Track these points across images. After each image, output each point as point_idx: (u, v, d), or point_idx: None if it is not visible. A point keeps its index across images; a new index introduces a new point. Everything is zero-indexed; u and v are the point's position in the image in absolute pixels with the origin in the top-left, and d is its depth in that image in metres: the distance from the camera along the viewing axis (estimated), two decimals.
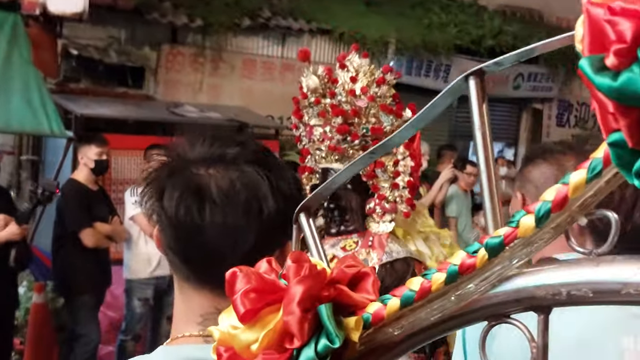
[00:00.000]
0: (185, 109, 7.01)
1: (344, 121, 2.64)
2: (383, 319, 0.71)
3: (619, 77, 0.43)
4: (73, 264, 5.08)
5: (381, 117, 2.67)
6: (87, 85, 6.93)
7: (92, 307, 5.21)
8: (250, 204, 1.06)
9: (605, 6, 0.44)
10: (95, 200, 5.20)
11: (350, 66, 2.72)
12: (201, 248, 1.07)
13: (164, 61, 7.27)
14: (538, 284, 0.60)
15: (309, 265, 0.74)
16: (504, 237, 0.61)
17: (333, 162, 2.71)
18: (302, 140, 2.85)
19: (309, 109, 2.74)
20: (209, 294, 1.10)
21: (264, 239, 1.08)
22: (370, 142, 2.65)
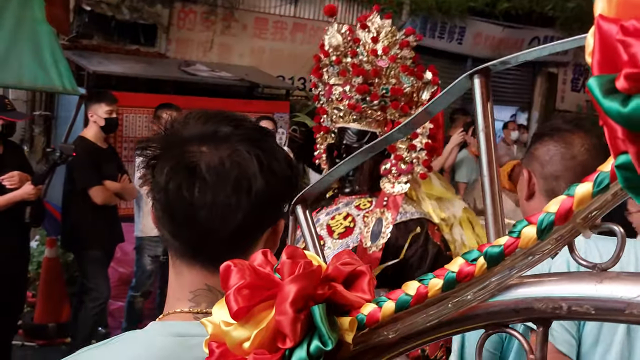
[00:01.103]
0: (197, 67, 6.97)
1: (364, 81, 2.64)
2: (378, 320, 0.69)
3: (629, 103, 0.40)
4: (82, 220, 5.11)
5: (402, 78, 2.66)
6: (100, 41, 6.88)
7: (101, 263, 5.24)
8: (239, 182, 1.06)
9: (619, 24, 0.41)
10: (105, 159, 5.20)
11: (372, 27, 2.71)
12: (191, 224, 1.07)
13: (176, 19, 7.20)
14: (538, 296, 0.58)
15: (304, 262, 0.73)
16: (504, 247, 0.58)
17: (350, 122, 2.71)
18: (320, 99, 2.85)
19: (330, 68, 2.74)
20: (200, 270, 1.11)
21: (253, 217, 1.08)
22: (389, 103, 2.65)
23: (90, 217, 5.08)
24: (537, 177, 1.83)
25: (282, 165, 1.11)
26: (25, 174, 4.56)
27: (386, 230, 2.61)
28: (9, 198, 4.43)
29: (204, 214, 1.06)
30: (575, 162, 1.76)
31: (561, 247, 0.58)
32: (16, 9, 5.76)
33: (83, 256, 5.24)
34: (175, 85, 6.71)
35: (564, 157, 1.78)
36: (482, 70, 0.63)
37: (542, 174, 1.82)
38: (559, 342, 1.63)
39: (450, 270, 0.62)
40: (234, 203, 1.05)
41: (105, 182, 5.09)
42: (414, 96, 2.72)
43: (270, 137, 1.16)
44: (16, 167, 4.56)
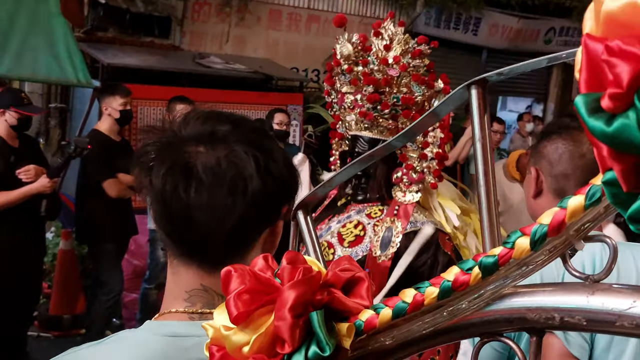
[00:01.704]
0: (211, 60, 6.98)
1: (375, 90, 2.64)
2: (375, 327, 0.70)
3: (613, 122, 0.40)
4: (96, 213, 5.14)
5: (413, 87, 2.66)
6: (114, 34, 6.90)
7: (115, 256, 5.27)
8: (235, 183, 1.05)
9: (604, 43, 0.41)
10: (119, 151, 5.21)
11: (385, 34, 2.71)
12: (188, 225, 1.07)
13: (190, 11, 7.21)
14: (531, 306, 0.59)
15: (304, 268, 0.73)
16: (498, 257, 0.59)
17: (362, 130, 2.71)
18: (333, 106, 2.86)
19: (341, 76, 2.74)
20: (196, 271, 1.11)
21: (250, 218, 1.07)
22: (400, 112, 2.65)
23: (104, 210, 5.11)
24: (546, 175, 1.83)
25: (280, 166, 1.10)
26: (41, 168, 4.59)
27: (396, 239, 2.61)
28: (25, 191, 4.47)
29: (201, 215, 1.05)
30: (585, 160, 1.75)
31: (555, 258, 0.59)
32: (31, 2, 5.79)
33: (97, 249, 5.28)
34: (190, 77, 6.72)
35: (573, 155, 1.77)
36: (479, 81, 0.63)
37: (551, 173, 1.81)
38: (574, 346, 1.63)
39: (445, 279, 0.63)
40: (230, 204, 1.05)
41: (118, 175, 5.11)
42: (426, 105, 2.72)
43: (269, 138, 1.16)
44: (32, 161, 4.59)
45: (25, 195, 4.46)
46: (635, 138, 0.39)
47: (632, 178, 0.42)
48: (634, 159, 0.41)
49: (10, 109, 4.48)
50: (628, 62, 0.39)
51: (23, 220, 4.52)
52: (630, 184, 0.42)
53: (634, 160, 0.41)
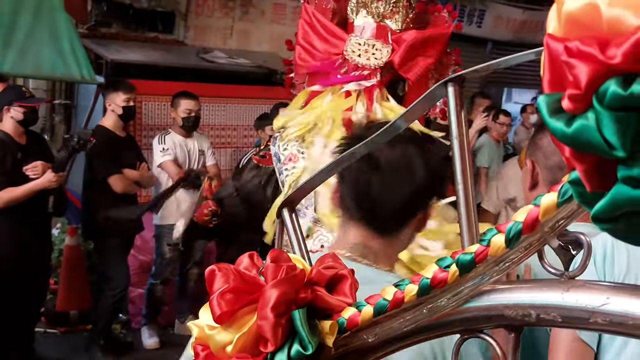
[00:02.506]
0: (215, 54, 6.97)
1: None
2: (358, 324, 0.70)
3: (573, 123, 0.40)
4: (102, 209, 5.16)
5: None
6: (118, 30, 6.91)
7: (121, 252, 5.29)
8: (406, 173, 1.43)
9: (564, 44, 0.41)
10: (123, 147, 5.23)
11: None
12: (369, 198, 1.44)
13: (194, 6, 7.20)
14: (508, 303, 0.59)
15: (287, 266, 0.74)
16: (475, 254, 0.59)
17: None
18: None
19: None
20: (363, 231, 1.47)
21: (413, 201, 1.45)
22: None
23: (110, 205, 5.13)
24: (541, 167, 1.83)
25: (438, 164, 1.47)
26: (48, 164, 4.61)
27: None
28: (30, 187, 4.48)
29: (379, 193, 1.42)
30: None
31: (531, 254, 0.59)
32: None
33: (102, 245, 5.30)
34: (194, 72, 6.72)
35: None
36: (455, 78, 0.64)
37: (546, 165, 1.81)
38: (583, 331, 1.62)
39: (424, 277, 0.63)
40: (402, 188, 1.42)
41: (124, 171, 5.13)
42: None
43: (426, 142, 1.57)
44: (39, 157, 4.60)
45: (32, 190, 4.47)
46: (594, 139, 0.39)
47: (594, 178, 0.42)
48: (595, 159, 0.41)
49: (14, 104, 4.49)
50: (586, 63, 0.39)
51: (30, 217, 4.54)
52: (593, 183, 0.42)
53: (594, 161, 0.41)
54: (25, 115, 4.53)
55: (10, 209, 4.43)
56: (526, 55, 0.58)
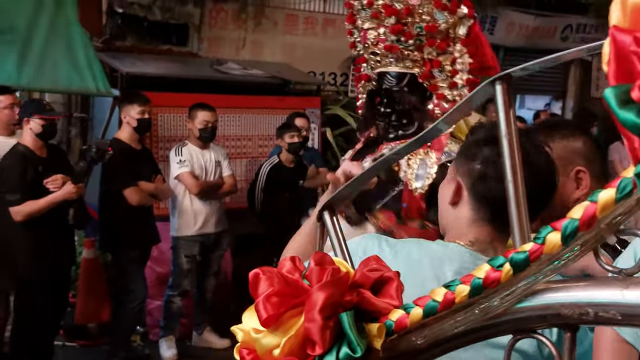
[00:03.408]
0: (229, 66, 6.99)
1: (397, 21, 2.62)
2: (406, 327, 0.69)
3: None
4: (118, 221, 5.17)
5: (435, 14, 2.63)
6: (132, 43, 6.94)
7: (138, 264, 5.29)
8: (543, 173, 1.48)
9: (632, 35, 0.40)
10: (139, 159, 5.24)
11: None
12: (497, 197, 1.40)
13: (207, 18, 7.22)
14: (565, 302, 0.58)
15: (332, 269, 0.73)
16: (529, 253, 0.59)
17: (388, 66, 2.69)
18: (356, 46, 2.84)
19: (362, 12, 2.73)
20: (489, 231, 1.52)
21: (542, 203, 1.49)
22: (424, 42, 2.62)
23: (126, 218, 5.14)
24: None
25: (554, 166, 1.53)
26: (68, 177, 4.62)
27: (431, 170, 2.58)
28: (50, 199, 4.49)
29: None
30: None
31: (587, 252, 0.58)
32: (50, 11, 5.85)
33: (120, 257, 5.31)
34: (208, 84, 6.74)
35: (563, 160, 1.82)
36: (503, 76, 0.63)
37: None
38: (626, 331, 1.60)
39: (476, 277, 0.62)
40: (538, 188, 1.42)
41: (140, 183, 5.14)
42: (450, 32, 2.68)
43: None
44: (60, 171, 4.62)
45: (52, 202, 4.48)
46: None
47: None
48: None
49: (34, 116, 4.52)
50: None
51: (51, 230, 4.55)
52: None
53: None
54: (44, 128, 4.55)
55: (31, 222, 4.45)
56: (580, 50, 0.57)
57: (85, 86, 5.93)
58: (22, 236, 4.49)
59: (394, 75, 2.68)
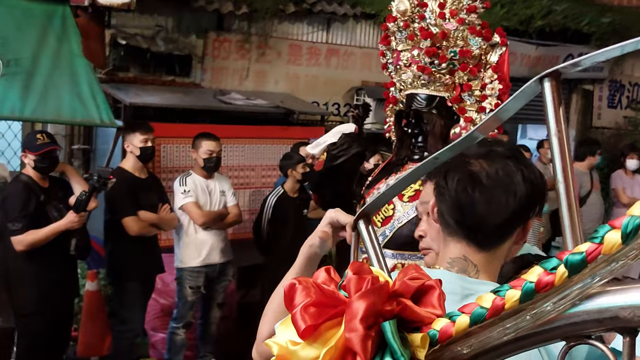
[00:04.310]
0: (232, 96, 7.01)
1: (432, 44, 2.66)
2: (451, 336, 0.67)
3: None
4: (120, 251, 5.14)
5: (469, 40, 2.67)
6: (136, 74, 6.96)
7: (138, 295, 5.25)
8: (509, 188, 1.42)
9: None
10: (143, 188, 5.21)
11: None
12: (470, 214, 1.44)
13: (211, 48, 7.26)
14: (624, 304, 0.56)
15: (371, 277, 0.71)
16: (586, 253, 0.56)
17: (419, 87, 2.72)
18: (388, 67, 2.87)
19: (398, 34, 2.77)
20: (463, 246, 1.48)
21: (515, 214, 1.44)
22: (457, 66, 2.66)
23: (128, 248, 5.10)
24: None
25: (537, 177, 1.47)
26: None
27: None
28: (53, 228, 4.47)
29: (481, 208, 1.42)
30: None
31: None
32: (54, 43, 5.86)
33: (120, 287, 5.25)
34: (212, 114, 6.75)
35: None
36: (552, 73, 0.61)
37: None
38: None
39: (528, 280, 0.60)
40: (504, 202, 1.42)
41: (139, 213, 5.10)
42: (482, 58, 2.72)
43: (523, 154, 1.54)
44: (62, 200, 4.61)
45: (54, 232, 4.46)
46: None
47: None
48: None
49: (25, 151, 4.54)
50: None
51: (54, 261, 4.52)
52: None
53: None
54: (36, 162, 4.55)
55: (34, 252, 4.42)
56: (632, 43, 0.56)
57: (89, 117, 5.91)
58: (25, 267, 4.46)
59: (424, 98, 2.72)
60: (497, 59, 2.72)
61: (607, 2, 10.81)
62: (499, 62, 2.73)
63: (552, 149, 0.60)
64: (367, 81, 8.17)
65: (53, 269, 4.57)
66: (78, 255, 4.79)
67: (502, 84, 2.73)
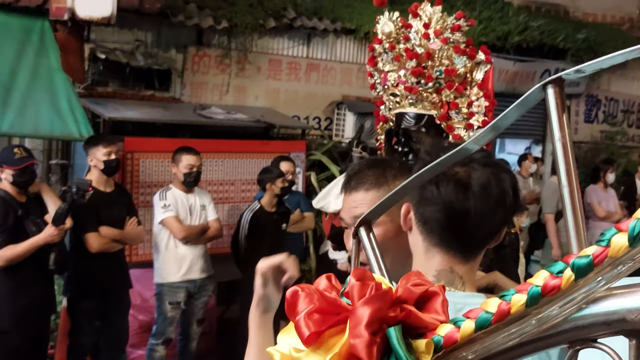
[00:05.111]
0: (212, 110, 7.00)
1: (417, 64, 2.68)
2: (456, 342, 0.67)
3: None
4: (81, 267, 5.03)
5: (454, 59, 2.69)
6: (115, 88, 6.94)
7: (89, 315, 5.13)
8: (500, 196, 1.40)
9: None
10: (107, 203, 5.12)
11: (423, 14, 2.76)
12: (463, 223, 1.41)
13: (190, 63, 7.26)
14: (631, 307, 0.56)
15: (374, 284, 0.71)
16: (593, 257, 0.57)
17: (407, 107, 2.74)
18: (376, 87, 2.89)
19: (384, 55, 2.79)
20: (450, 257, 1.44)
21: (502, 222, 1.44)
22: (443, 85, 2.68)
23: (89, 264, 5.00)
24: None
25: (517, 183, 1.47)
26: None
27: None
28: (33, 242, 4.42)
29: (475, 215, 1.39)
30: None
31: None
32: (32, 57, 5.84)
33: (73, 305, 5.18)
34: (192, 129, 6.74)
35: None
36: (555, 80, 0.62)
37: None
38: None
39: (534, 285, 0.60)
40: (496, 210, 1.40)
41: (100, 229, 5.02)
42: (468, 76, 2.74)
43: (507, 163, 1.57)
44: (39, 215, 4.56)
45: (33, 246, 4.41)
46: None
47: None
48: None
49: (2, 166, 4.50)
50: None
51: (31, 276, 4.46)
52: None
53: None
54: (14, 177, 4.50)
55: (11, 269, 4.36)
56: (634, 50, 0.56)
57: (68, 132, 5.88)
58: (3, 283, 4.40)
59: (412, 116, 2.74)
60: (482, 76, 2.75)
61: (582, 18, 10.98)
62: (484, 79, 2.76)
63: (556, 154, 0.60)
64: (347, 95, 8.21)
65: (31, 285, 4.51)
66: (57, 270, 4.73)
67: (488, 100, 2.76)
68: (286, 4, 7.84)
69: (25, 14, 5.97)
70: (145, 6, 6.43)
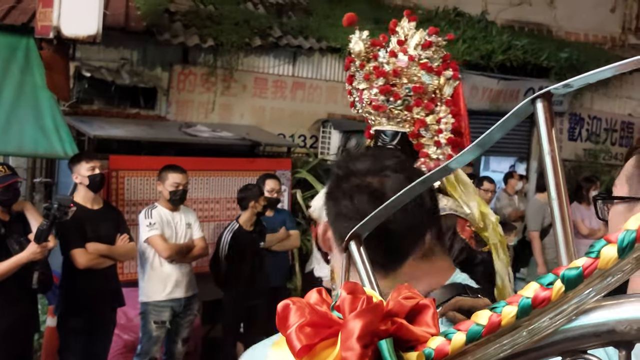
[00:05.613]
0: (198, 128, 7.00)
1: (385, 82, 2.70)
2: (447, 354, 0.67)
3: None
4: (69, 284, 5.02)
5: (422, 76, 2.72)
6: (100, 106, 6.93)
7: (75, 334, 5.09)
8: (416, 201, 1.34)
9: None
10: (94, 220, 5.10)
11: (401, 31, 2.79)
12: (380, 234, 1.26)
13: (176, 81, 7.27)
14: (620, 318, 0.57)
15: (365, 297, 0.71)
16: (582, 268, 0.57)
17: (383, 124, 2.75)
18: (355, 105, 2.91)
19: (357, 74, 2.82)
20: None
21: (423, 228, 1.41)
22: (412, 102, 2.70)
23: (76, 282, 4.99)
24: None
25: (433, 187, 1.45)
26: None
27: None
28: (15, 261, 4.38)
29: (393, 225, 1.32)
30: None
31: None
32: (17, 75, 5.83)
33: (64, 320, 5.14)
34: (177, 147, 6.73)
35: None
36: (544, 94, 0.63)
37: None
38: None
39: (524, 296, 0.61)
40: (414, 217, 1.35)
41: (88, 245, 5.00)
42: (437, 93, 2.76)
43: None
44: (22, 233, 4.53)
45: (16, 264, 4.37)
46: None
47: None
48: None
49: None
50: None
51: (14, 295, 4.42)
52: None
53: None
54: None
55: None
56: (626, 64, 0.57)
57: (52, 149, 5.86)
58: None
59: (388, 134, 2.76)
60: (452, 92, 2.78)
61: (565, 37, 11.11)
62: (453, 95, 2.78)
63: (546, 168, 0.61)
64: (333, 113, 8.24)
65: (14, 304, 4.47)
66: (40, 289, 4.68)
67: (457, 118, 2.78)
68: (272, 22, 7.88)
69: (11, 32, 5.97)
70: (131, 24, 6.45)
